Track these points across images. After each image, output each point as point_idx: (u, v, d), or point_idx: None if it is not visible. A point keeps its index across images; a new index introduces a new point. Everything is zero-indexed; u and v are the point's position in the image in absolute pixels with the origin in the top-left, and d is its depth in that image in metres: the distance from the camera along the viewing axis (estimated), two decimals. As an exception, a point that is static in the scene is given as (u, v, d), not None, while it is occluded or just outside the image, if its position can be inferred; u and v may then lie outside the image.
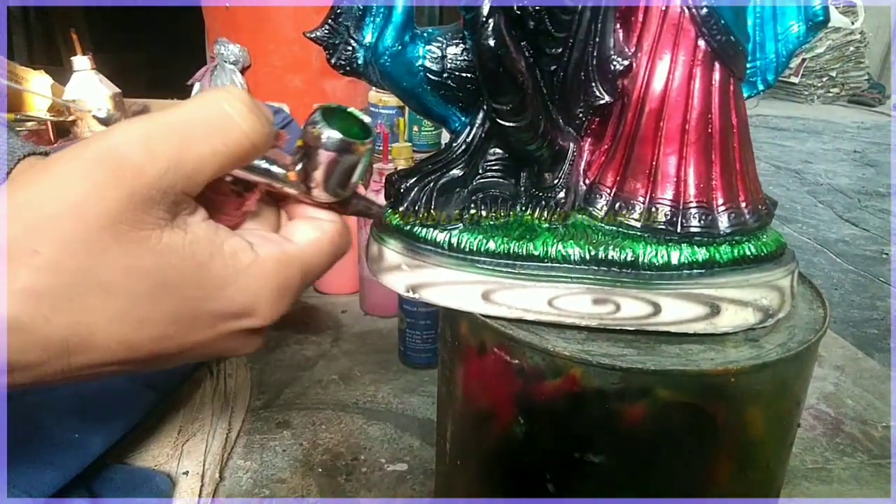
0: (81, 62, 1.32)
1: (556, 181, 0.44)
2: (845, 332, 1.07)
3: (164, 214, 0.23)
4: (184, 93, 1.76)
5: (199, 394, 0.74)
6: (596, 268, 0.42)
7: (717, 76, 0.41)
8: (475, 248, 0.43)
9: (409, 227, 0.44)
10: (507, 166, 0.45)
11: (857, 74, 3.93)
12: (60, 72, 1.59)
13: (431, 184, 0.44)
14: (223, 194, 0.28)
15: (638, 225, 0.43)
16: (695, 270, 0.42)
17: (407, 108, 1.73)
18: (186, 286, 0.24)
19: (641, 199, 0.43)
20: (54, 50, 2.11)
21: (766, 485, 0.48)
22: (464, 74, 0.43)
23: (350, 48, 0.42)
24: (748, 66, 0.44)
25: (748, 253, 0.43)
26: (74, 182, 0.21)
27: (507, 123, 0.42)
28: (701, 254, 0.42)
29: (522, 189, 0.45)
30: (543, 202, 0.44)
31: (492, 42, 0.38)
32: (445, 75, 0.43)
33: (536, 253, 0.42)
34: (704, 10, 0.40)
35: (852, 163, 2.43)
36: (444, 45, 0.42)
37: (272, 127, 0.26)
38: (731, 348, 0.42)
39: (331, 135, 0.27)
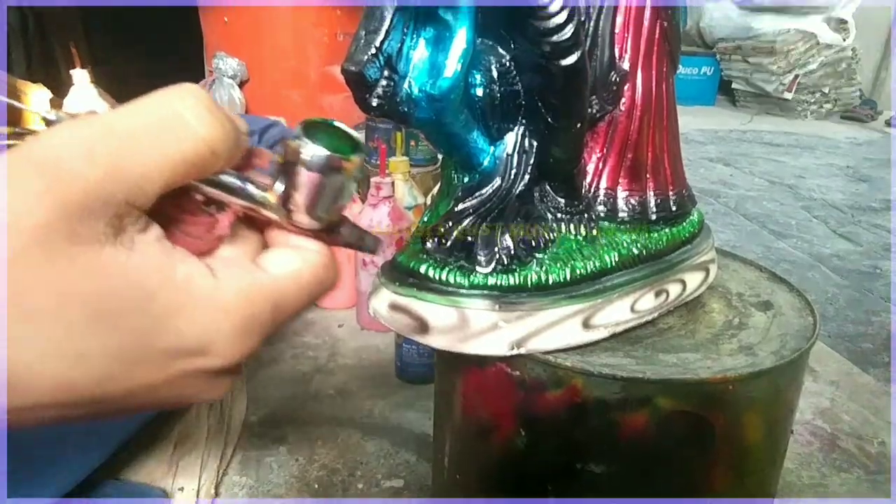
0: (80, 76, 1.33)
1: (581, 195, 0.45)
2: (840, 347, 1.07)
3: (105, 228, 0.20)
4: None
5: (195, 409, 0.73)
6: (651, 263, 0.46)
7: (671, 79, 0.47)
8: (566, 278, 0.41)
9: (497, 278, 0.39)
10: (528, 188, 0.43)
11: (849, 91, 3.97)
12: (59, 85, 1.60)
13: (502, 221, 0.40)
14: (192, 214, 0.25)
15: (653, 217, 0.47)
16: (691, 244, 0.50)
17: (404, 123, 1.74)
18: (130, 315, 0.20)
19: (639, 195, 0.47)
20: (52, 63, 2.12)
21: (761, 490, 0.48)
22: (515, 100, 0.39)
23: (388, 81, 0.34)
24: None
25: (701, 221, 0.52)
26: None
27: (565, 145, 0.41)
28: (687, 230, 0.50)
29: (542, 208, 0.43)
30: (577, 217, 0.44)
31: (579, 62, 0.36)
32: (497, 102, 0.38)
33: (610, 265, 0.44)
34: (670, 22, 0.45)
35: (845, 178, 2.44)
36: (489, 69, 0.38)
37: (241, 135, 0.23)
38: (726, 356, 0.43)
39: (314, 151, 0.24)
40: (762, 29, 3.95)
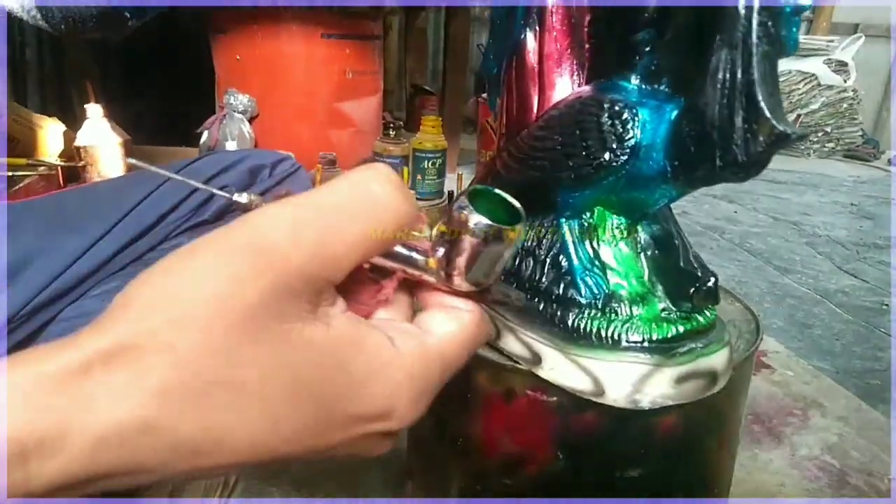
0: (94, 110, 1.36)
1: None
2: (847, 383, 1.06)
3: (307, 306, 0.21)
4: (193, 140, 1.80)
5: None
6: None
7: None
8: None
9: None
10: None
11: (851, 130, 4.00)
12: (72, 119, 1.63)
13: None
14: (359, 282, 0.26)
15: None
16: None
17: (410, 157, 1.76)
18: (327, 386, 0.22)
19: None
20: (67, 99, 2.17)
21: (736, 453, 0.52)
22: None
23: None
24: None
25: None
26: (215, 272, 0.20)
27: None
28: None
29: None
30: None
31: None
32: None
33: None
34: None
35: (849, 215, 2.45)
36: None
37: (417, 207, 0.24)
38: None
39: (479, 220, 0.24)
40: (763, 69, 4.01)
